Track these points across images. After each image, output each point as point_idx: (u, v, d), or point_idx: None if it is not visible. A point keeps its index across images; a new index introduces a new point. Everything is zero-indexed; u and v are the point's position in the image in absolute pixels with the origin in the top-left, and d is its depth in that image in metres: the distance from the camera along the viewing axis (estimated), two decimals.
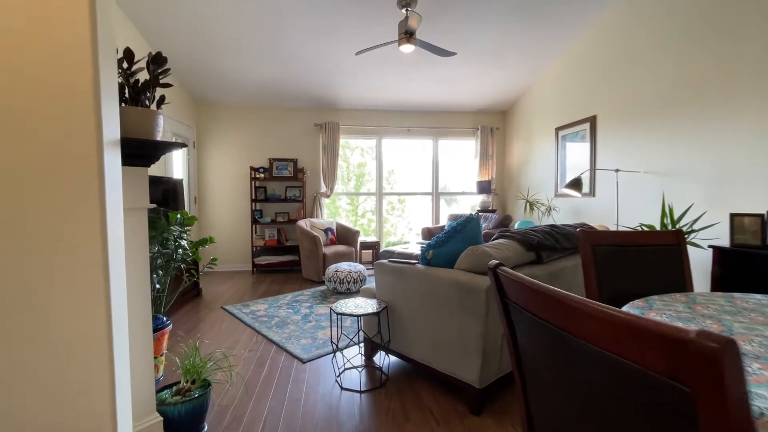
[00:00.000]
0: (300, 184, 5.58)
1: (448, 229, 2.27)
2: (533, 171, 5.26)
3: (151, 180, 3.66)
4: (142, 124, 1.42)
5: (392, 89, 5.17)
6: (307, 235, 4.80)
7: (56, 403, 1.07)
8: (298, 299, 4.01)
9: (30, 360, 1.05)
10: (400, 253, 4.23)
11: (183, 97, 5.01)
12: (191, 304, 3.92)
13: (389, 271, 2.29)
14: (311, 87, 5.05)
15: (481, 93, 5.37)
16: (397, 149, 6.12)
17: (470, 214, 2.34)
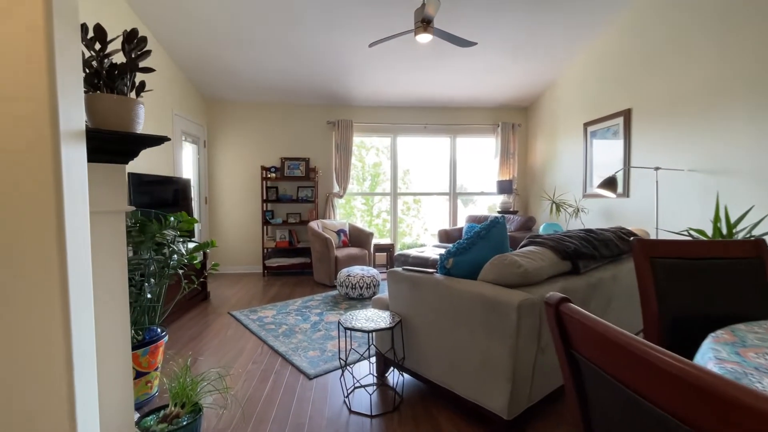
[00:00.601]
0: (312, 184, 5.40)
1: (470, 234, 2.02)
2: (558, 170, 4.93)
3: (158, 180, 3.55)
4: (117, 114, 1.23)
5: (408, 84, 4.93)
6: (319, 236, 4.61)
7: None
8: (308, 305, 3.81)
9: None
10: (415, 257, 3.98)
11: (193, 96, 4.89)
12: (198, 308, 3.77)
13: (404, 280, 2.06)
14: (323, 83, 4.86)
15: (502, 87, 5.07)
16: (413, 148, 5.88)
17: (495, 217, 2.08)
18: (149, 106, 3.77)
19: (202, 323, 3.34)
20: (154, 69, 1.35)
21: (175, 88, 4.35)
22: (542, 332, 1.64)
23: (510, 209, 5.45)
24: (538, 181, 5.48)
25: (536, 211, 5.51)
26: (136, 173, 3.14)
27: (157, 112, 3.97)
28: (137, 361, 1.91)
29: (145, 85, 1.33)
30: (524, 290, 1.64)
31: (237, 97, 5.21)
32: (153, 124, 3.86)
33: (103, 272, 1.23)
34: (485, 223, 2.07)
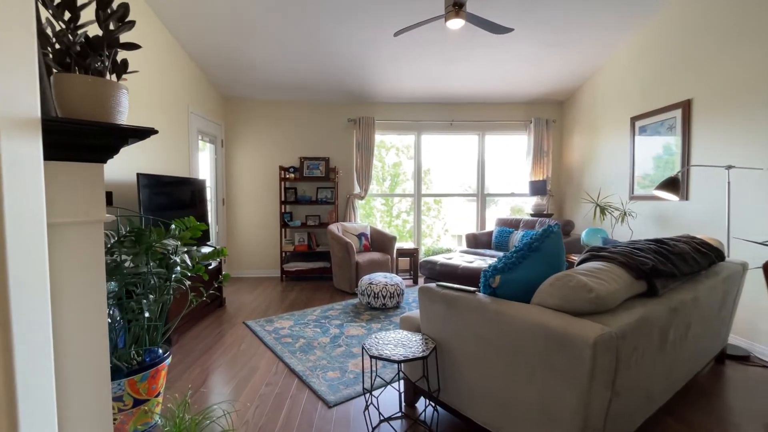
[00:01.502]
0: (332, 184, 5.15)
1: (520, 245, 1.69)
2: (599, 169, 4.50)
3: (171, 181, 3.35)
4: (93, 100, 0.98)
5: (433, 78, 4.61)
6: (339, 241, 4.35)
7: None
8: (327, 315, 3.55)
9: None
10: (443, 265, 3.66)
11: (210, 94, 4.72)
12: (212, 317, 3.57)
13: (439, 300, 1.75)
14: (344, 78, 4.60)
15: (535, 80, 4.68)
16: (435, 146, 5.54)
17: (549, 225, 1.75)
18: (163, 103, 3.59)
19: (216, 334, 3.13)
20: (139, 45, 1.09)
21: (191, 85, 4.18)
22: (619, 372, 1.30)
23: (544, 212, 5.04)
24: (574, 182, 5.05)
25: (572, 214, 5.08)
26: (148, 174, 2.95)
27: (172, 110, 3.79)
28: (134, 388, 1.68)
29: (128, 65, 1.08)
30: (595, 319, 1.31)
31: (255, 94, 5.02)
32: (167, 122, 3.69)
33: (74, 295, 0.98)
34: (537, 232, 1.74)
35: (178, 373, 2.44)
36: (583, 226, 4.63)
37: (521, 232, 4.50)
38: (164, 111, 3.65)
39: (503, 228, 4.71)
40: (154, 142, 3.47)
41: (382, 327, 3.21)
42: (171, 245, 1.61)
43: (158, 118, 3.54)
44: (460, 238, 9.91)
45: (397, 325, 3.27)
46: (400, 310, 3.66)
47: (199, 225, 2.07)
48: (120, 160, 2.97)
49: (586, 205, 4.65)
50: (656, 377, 1.60)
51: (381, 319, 3.42)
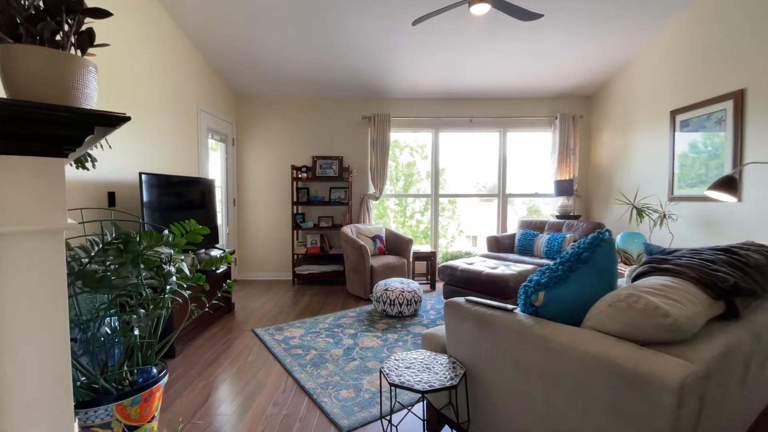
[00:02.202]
0: (346, 184, 4.95)
1: (567, 255, 1.44)
2: (632, 168, 4.18)
3: (177, 181, 3.17)
4: (47, 78, 0.78)
5: (452, 72, 4.35)
6: (353, 244, 4.13)
7: None
8: (341, 323, 3.34)
9: None
10: (464, 271, 3.41)
11: (221, 90, 4.58)
12: (220, 323, 3.40)
13: (469, 317, 1.51)
14: (359, 73, 4.38)
15: (562, 72, 4.37)
16: (451, 145, 5.28)
17: (599, 232, 1.49)
18: (170, 100, 3.44)
19: (222, 343, 2.95)
20: (110, 12, 0.89)
21: (200, 80, 4.03)
22: (702, 417, 1.04)
23: (570, 213, 4.73)
24: (603, 182, 4.73)
25: (602, 216, 4.75)
26: (152, 173, 2.78)
27: (180, 108, 3.64)
28: (124, 413, 1.49)
29: (95, 36, 0.88)
30: (671, 351, 1.05)
31: (267, 91, 4.85)
32: (175, 120, 3.54)
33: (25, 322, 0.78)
34: (584, 240, 1.49)
35: (180, 388, 2.26)
36: (615, 229, 4.31)
37: (546, 236, 4.21)
38: (172, 108, 3.50)
39: (527, 231, 4.42)
40: (161, 141, 3.32)
41: (398, 338, 2.98)
42: (165, 253, 1.42)
43: (165, 115, 3.39)
44: (474, 239, 9.65)
45: (415, 335, 3.04)
46: (418, 319, 3.43)
47: (200, 229, 1.87)
48: (122, 159, 2.82)
49: (618, 206, 4.32)
50: (731, 418, 1.33)
51: (398, 328, 3.19)
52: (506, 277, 3.08)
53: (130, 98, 2.89)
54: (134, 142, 2.95)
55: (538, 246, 4.23)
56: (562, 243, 3.99)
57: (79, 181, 2.40)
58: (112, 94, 2.68)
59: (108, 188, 2.68)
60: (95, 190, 2.56)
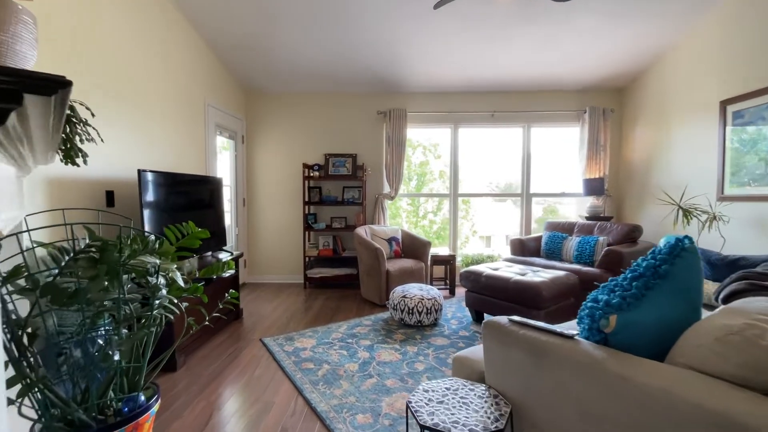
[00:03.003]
0: (359, 183, 4.70)
1: (640, 269, 1.16)
2: (671, 165, 3.82)
3: (184, 179, 2.97)
4: None
5: (474, 63, 4.06)
6: (367, 246, 3.88)
7: None
8: (355, 332, 3.09)
9: None
10: (489, 277, 3.12)
11: (230, 86, 4.38)
12: (227, 331, 3.19)
13: (515, 343, 1.24)
14: (373, 65, 4.13)
15: (593, 62, 4.04)
16: (466, 143, 4.98)
17: (678, 239, 1.21)
18: (176, 95, 3.25)
19: (228, 354, 2.73)
20: None
21: (208, 74, 3.84)
22: None
23: (601, 214, 4.39)
24: (637, 180, 4.37)
25: (635, 218, 4.40)
26: (152, 171, 2.58)
27: (186, 103, 3.45)
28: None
29: None
30: None
31: (277, 86, 4.64)
32: (180, 116, 3.34)
33: None
34: (662, 249, 1.20)
35: (180, 408, 2.04)
36: (654, 232, 3.96)
37: (576, 239, 3.88)
38: (178, 103, 3.31)
39: (554, 233, 4.10)
40: (166, 137, 3.12)
41: (419, 351, 2.72)
42: (150, 263, 1.19)
43: (171, 110, 3.19)
44: (488, 240, 9.34)
45: (437, 348, 2.77)
46: (438, 329, 3.16)
47: (199, 233, 1.65)
48: (123, 155, 2.63)
49: (658, 207, 3.97)
50: None
51: (417, 339, 2.93)
52: (537, 285, 2.79)
53: (131, 91, 2.69)
54: (136, 137, 2.75)
55: (567, 249, 3.91)
56: (595, 246, 3.67)
57: (72, 178, 2.21)
58: (110, 86, 2.48)
59: (106, 187, 2.48)
60: (91, 188, 2.37)
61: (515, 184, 6.14)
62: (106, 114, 2.46)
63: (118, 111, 2.58)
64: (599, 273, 3.31)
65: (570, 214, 5.32)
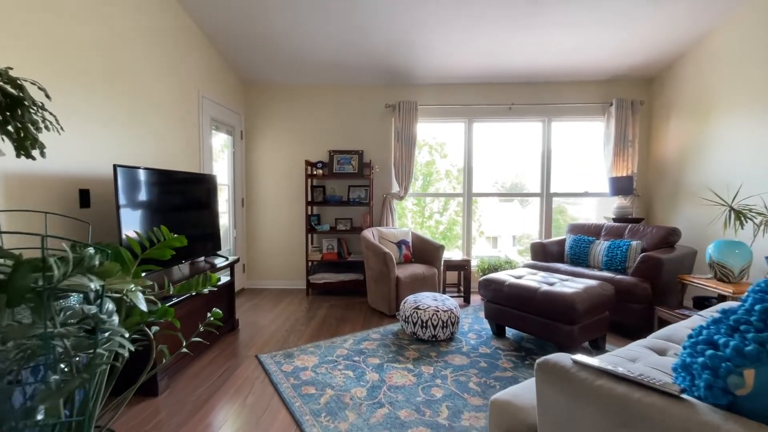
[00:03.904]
0: (366, 182, 4.37)
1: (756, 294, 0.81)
2: (712, 162, 3.46)
3: (171, 177, 2.46)
4: None
5: (490, 51, 3.72)
6: (375, 250, 3.55)
7: None
8: (362, 348, 2.76)
9: None
10: (512, 286, 2.77)
11: (229, 79, 4.07)
12: (221, 345, 2.88)
13: (585, 398, 0.90)
14: (381, 54, 3.80)
15: (620, 49, 3.68)
16: (483, 137, 4.63)
17: None
18: (165, 86, 2.94)
19: (220, 375, 2.41)
20: None
21: (203, 63, 3.53)
22: None
23: (630, 215, 4.03)
24: (670, 178, 4.00)
25: (666, 218, 4.03)
26: (131, 167, 2.27)
27: (177, 94, 3.14)
28: None
29: None
30: None
31: (278, 78, 4.32)
32: (170, 108, 3.04)
33: None
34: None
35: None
36: (690, 236, 3.59)
37: (605, 243, 3.53)
38: (168, 93, 3.00)
39: (579, 237, 3.74)
40: (154, 130, 2.82)
41: (435, 372, 2.39)
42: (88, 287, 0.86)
43: (159, 101, 2.88)
44: (495, 240, 9.02)
45: (455, 368, 2.43)
46: (455, 344, 2.82)
47: (173, 239, 1.33)
48: (101, 150, 2.32)
49: (696, 208, 3.60)
50: None
51: (432, 358, 2.59)
52: (570, 297, 2.44)
53: (114, 78, 2.38)
54: (118, 129, 2.45)
55: (594, 255, 3.55)
56: (627, 252, 3.31)
57: (35, 174, 1.90)
58: (89, 70, 2.18)
59: (79, 185, 2.18)
60: (62, 187, 2.06)
61: (520, 183, 5.84)
62: (75, 101, 2.15)
63: (91, 97, 2.27)
64: (635, 282, 2.95)
65: (582, 216, 4.98)
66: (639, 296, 2.91)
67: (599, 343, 2.73)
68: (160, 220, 2.48)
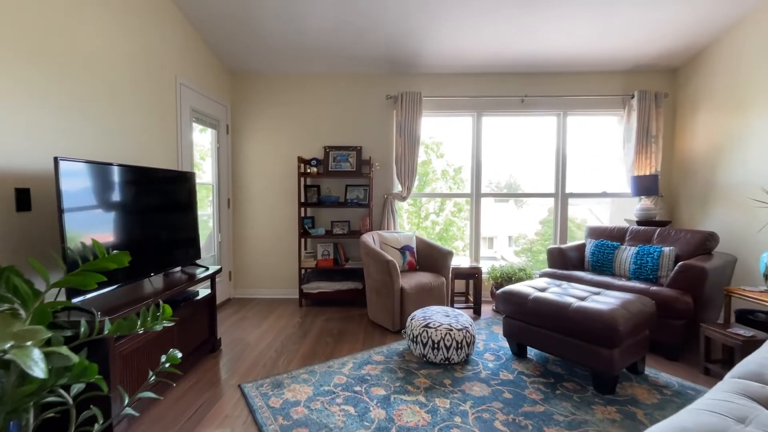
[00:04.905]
0: (366, 181, 3.98)
1: None
2: (752, 160, 3.11)
3: (135, 174, 1.98)
4: None
5: (506, 36, 3.35)
6: (377, 258, 3.16)
7: None
8: (364, 374, 2.36)
9: None
10: (538, 301, 2.40)
11: (214, 67, 3.66)
12: (197, 371, 2.46)
13: None
14: (382, 40, 3.41)
15: (644, 35, 3.34)
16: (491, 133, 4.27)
17: None
18: (132, 62, 2.52)
19: (193, 413, 2.00)
20: None
21: (180, 46, 3.11)
22: None
23: (655, 218, 3.68)
24: (699, 178, 3.66)
25: (694, 221, 3.69)
26: (81, 161, 1.85)
27: (146, 78, 2.72)
28: None
29: None
30: None
31: (268, 67, 3.91)
32: (139, 92, 2.61)
33: None
34: None
35: None
36: (726, 241, 3.24)
37: (632, 249, 3.17)
38: (135, 78, 2.58)
39: (602, 241, 3.38)
40: (118, 120, 2.39)
41: (452, 407, 2.00)
42: None
43: (122, 85, 2.46)
44: (491, 241, 8.75)
45: (476, 400, 2.05)
46: (472, 368, 2.44)
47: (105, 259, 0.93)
48: (48, 140, 1.90)
49: (731, 211, 3.26)
50: None
51: (447, 387, 2.21)
52: (611, 317, 2.07)
53: (69, 55, 1.96)
54: (70, 116, 2.02)
55: (620, 262, 3.20)
56: (659, 259, 2.95)
57: None
58: (41, 45, 1.76)
59: (16, 182, 1.76)
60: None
61: (515, 183, 5.57)
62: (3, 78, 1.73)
63: (27, 72, 1.85)
64: (675, 295, 2.59)
65: (592, 218, 4.64)
66: (679, 311, 2.54)
67: (638, 367, 2.36)
68: (125, 226, 2.07)
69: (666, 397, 2.10)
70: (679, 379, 2.31)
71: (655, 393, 2.15)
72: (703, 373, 2.41)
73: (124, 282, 2.01)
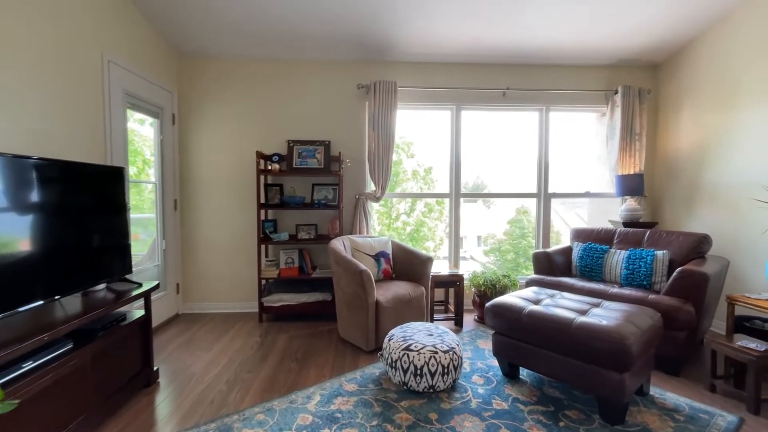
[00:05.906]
0: (335, 180, 3.57)
1: None
2: (743, 159, 2.99)
3: (38, 168, 1.48)
4: None
5: (487, 23, 3.05)
6: (347, 267, 2.76)
7: None
8: (334, 411, 1.96)
9: None
10: (533, 316, 2.09)
11: (155, 46, 3.13)
12: (126, 414, 1.96)
13: None
14: (353, 22, 3.03)
15: (626, 29, 3.16)
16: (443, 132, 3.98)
17: None
18: (36, 36, 1.98)
19: None
20: None
21: (110, 18, 2.58)
22: None
23: (640, 219, 3.52)
24: (683, 177, 3.53)
25: (681, 223, 3.56)
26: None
27: (61, 52, 2.18)
28: None
29: None
30: None
31: (222, 50, 3.41)
32: (41, 64, 2.08)
33: None
34: None
35: None
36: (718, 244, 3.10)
37: (622, 252, 2.97)
38: (43, 52, 2.04)
39: (591, 245, 3.16)
40: (22, 102, 1.86)
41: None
42: None
43: (15, 53, 1.93)
44: (461, 241, 8.67)
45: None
46: (460, 396, 2.10)
47: None
48: None
49: (716, 212, 3.13)
50: None
51: (433, 424, 1.84)
52: (620, 334, 1.78)
53: None
54: None
55: (610, 267, 2.98)
56: (653, 264, 2.75)
57: None
58: None
59: None
60: None
61: (482, 183, 5.39)
62: None
63: None
64: (676, 304, 2.37)
65: (569, 218, 4.50)
66: (682, 321, 2.33)
67: (644, 387, 2.11)
68: (15, 234, 1.56)
69: (680, 425, 1.85)
70: (687, 400, 2.07)
71: (668, 420, 1.89)
72: (709, 390, 2.19)
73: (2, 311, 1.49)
